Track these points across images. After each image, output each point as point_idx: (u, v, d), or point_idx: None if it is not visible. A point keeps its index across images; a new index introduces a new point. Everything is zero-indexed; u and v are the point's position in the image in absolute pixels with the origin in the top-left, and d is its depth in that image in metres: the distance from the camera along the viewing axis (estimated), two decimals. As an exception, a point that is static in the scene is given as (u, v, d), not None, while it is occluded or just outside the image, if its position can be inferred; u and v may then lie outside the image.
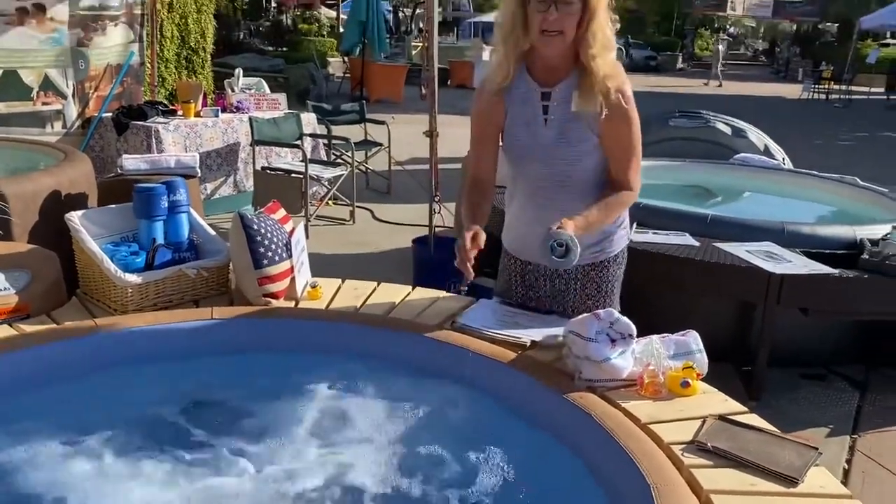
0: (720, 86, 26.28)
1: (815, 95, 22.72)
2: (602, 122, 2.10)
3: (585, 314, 2.02)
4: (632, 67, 30.33)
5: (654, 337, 2.05)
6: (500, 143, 2.28)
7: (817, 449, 1.72)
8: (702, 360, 2.05)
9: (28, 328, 2.14)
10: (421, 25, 28.58)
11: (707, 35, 45.08)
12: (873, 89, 24.25)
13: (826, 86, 22.96)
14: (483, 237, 2.06)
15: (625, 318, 1.98)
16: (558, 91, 2.12)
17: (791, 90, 24.84)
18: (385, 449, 1.84)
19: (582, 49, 2.05)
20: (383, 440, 1.86)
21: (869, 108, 20.58)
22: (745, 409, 1.91)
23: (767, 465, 1.64)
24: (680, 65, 36.97)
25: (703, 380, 2.01)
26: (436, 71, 4.31)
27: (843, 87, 21.91)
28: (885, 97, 23.72)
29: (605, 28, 2.05)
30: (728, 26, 51.34)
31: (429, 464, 1.78)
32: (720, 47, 28.90)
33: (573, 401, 1.86)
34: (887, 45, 31.28)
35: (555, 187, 2.19)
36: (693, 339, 2.10)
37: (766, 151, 5.78)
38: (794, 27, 42.65)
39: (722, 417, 1.84)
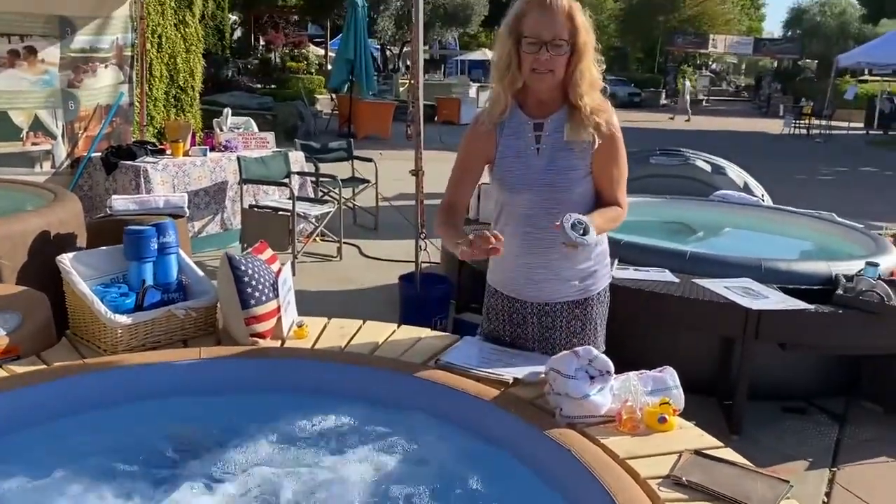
0: (688, 120, 26.90)
1: (797, 131, 23.16)
2: (595, 153, 2.23)
3: (565, 352, 2.08)
4: (615, 104, 30.88)
5: (632, 374, 2.11)
6: (490, 174, 2.36)
7: (788, 482, 1.78)
8: (678, 396, 2.11)
9: (19, 369, 2.18)
10: (408, 63, 28.99)
11: (690, 72, 45.92)
12: (853, 124, 24.78)
13: (807, 121, 23.43)
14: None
15: (603, 356, 2.04)
16: (550, 122, 2.24)
17: (773, 125, 25.30)
18: (369, 484, 1.87)
19: (571, 88, 2.18)
20: (366, 477, 1.90)
21: (849, 143, 20.98)
22: (720, 443, 1.96)
23: (740, 498, 1.69)
24: (663, 101, 37.57)
25: (681, 414, 2.07)
26: (421, 111, 4.40)
27: (824, 123, 22.35)
28: (864, 132, 24.24)
29: (591, 69, 2.18)
30: (711, 63, 52.33)
31: (410, 499, 1.82)
32: (687, 84, 29.76)
33: (553, 437, 1.91)
34: (865, 81, 31.96)
35: (544, 214, 2.25)
36: (670, 375, 2.16)
37: (746, 188, 5.90)
38: (776, 64, 43.53)
39: (697, 452, 1.89)
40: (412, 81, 5.07)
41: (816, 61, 39.00)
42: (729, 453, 1.91)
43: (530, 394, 2.16)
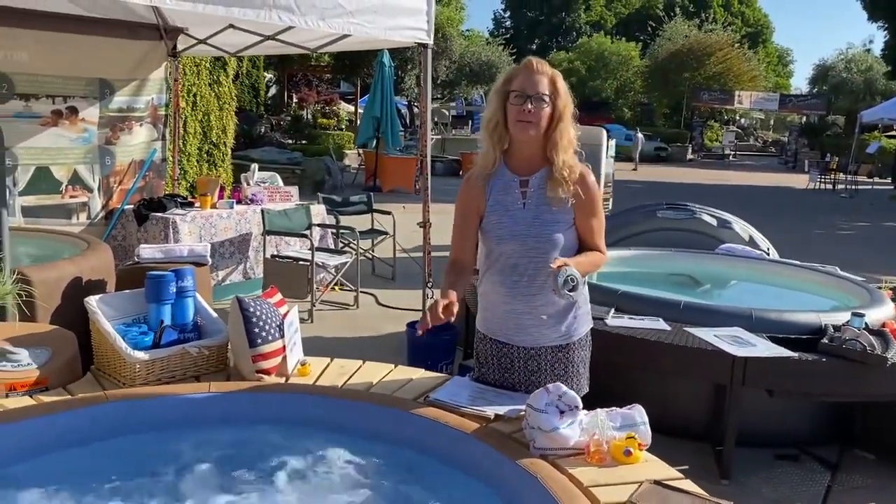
0: (635, 170, 27.28)
1: (822, 186, 23.19)
2: (574, 207, 2.47)
3: (539, 389, 2.26)
4: (641, 158, 31.23)
5: (600, 410, 2.28)
6: (480, 228, 2.57)
7: (737, 509, 1.93)
8: (645, 432, 2.27)
9: (46, 399, 2.42)
10: (435, 119, 29.69)
11: (717, 127, 46.21)
12: (878, 179, 24.72)
13: (832, 176, 23.47)
14: (456, 308, 2.33)
15: (571, 392, 2.22)
16: (534, 179, 2.48)
17: (799, 180, 25.35)
18: (348, 501, 2.07)
19: (549, 146, 2.44)
20: (347, 497, 2.09)
21: (875, 199, 20.92)
22: (681, 475, 2.11)
23: (689, 522, 1.85)
24: (690, 155, 37.81)
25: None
26: (429, 167, 4.67)
27: (850, 178, 22.39)
28: (892, 187, 24.15)
29: (569, 130, 2.45)
30: (738, 118, 52.58)
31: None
32: (640, 136, 30.39)
33: (523, 465, 2.09)
34: (894, 136, 31.94)
35: (530, 263, 2.47)
36: (638, 412, 2.32)
37: (751, 241, 6.04)
38: (803, 119, 43.68)
39: (656, 482, 2.05)
40: (421, 139, 5.37)
41: (844, 117, 39.10)
42: (688, 485, 2.06)
43: (509, 428, 2.34)
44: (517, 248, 2.48)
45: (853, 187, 22.08)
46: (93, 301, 2.73)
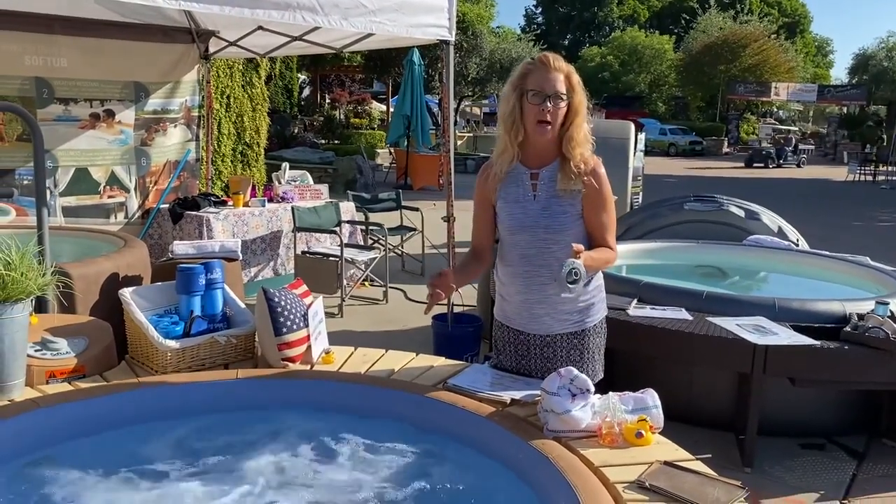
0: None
1: (862, 177, 22.75)
2: (583, 199, 2.51)
3: (552, 373, 2.32)
4: (675, 152, 30.95)
5: (612, 393, 2.34)
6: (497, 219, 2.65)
7: (745, 488, 1.97)
8: (657, 416, 2.32)
9: (83, 385, 2.55)
10: (468, 117, 29.78)
11: (753, 119, 45.53)
12: (921, 170, 24.13)
13: (873, 168, 23.02)
14: (451, 290, 2.46)
15: (583, 375, 2.27)
16: (545, 172, 2.53)
17: (838, 172, 24.88)
18: (370, 481, 2.16)
19: (566, 142, 2.48)
20: (368, 477, 2.18)
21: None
22: (691, 457, 2.16)
23: (696, 500, 1.89)
24: (726, 149, 37.31)
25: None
26: (452, 161, 4.74)
27: (891, 169, 21.93)
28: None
29: (583, 126, 2.49)
30: (776, 109, 51.67)
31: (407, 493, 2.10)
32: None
33: (535, 446, 2.15)
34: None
35: (541, 254, 2.53)
36: (650, 396, 2.37)
37: (780, 233, 5.99)
38: (844, 110, 42.80)
39: (666, 462, 2.10)
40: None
41: (885, 107, 38.23)
42: (699, 466, 2.11)
43: (524, 412, 2.41)
44: (528, 238, 2.54)
45: (894, 178, 21.63)
46: (127, 293, 2.86)
